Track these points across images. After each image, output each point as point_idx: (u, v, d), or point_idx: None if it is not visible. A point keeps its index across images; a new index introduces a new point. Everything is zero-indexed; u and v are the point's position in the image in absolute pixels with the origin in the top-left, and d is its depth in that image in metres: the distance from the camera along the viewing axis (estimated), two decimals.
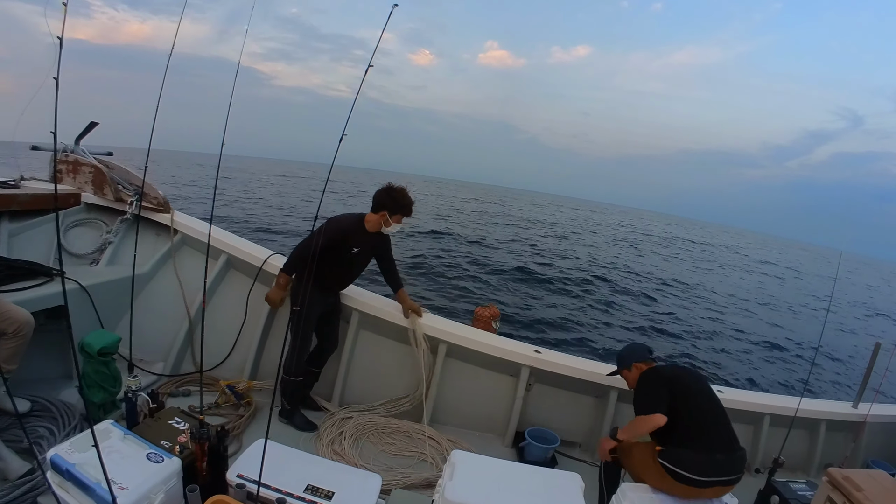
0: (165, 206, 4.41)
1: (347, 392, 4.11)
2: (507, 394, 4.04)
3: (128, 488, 1.96)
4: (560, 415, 4.10)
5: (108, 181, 4.35)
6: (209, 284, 4.14)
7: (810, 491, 3.27)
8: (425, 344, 3.93)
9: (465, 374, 4.06)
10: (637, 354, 3.10)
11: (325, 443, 3.49)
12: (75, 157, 4.46)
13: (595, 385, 3.95)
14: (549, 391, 4.08)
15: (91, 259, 4.21)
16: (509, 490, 2.27)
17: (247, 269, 4.21)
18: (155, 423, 2.52)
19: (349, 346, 4.08)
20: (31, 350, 2.96)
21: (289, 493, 2.20)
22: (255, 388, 3.88)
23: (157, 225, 4.43)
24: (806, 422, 3.96)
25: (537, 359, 3.93)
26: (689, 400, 2.69)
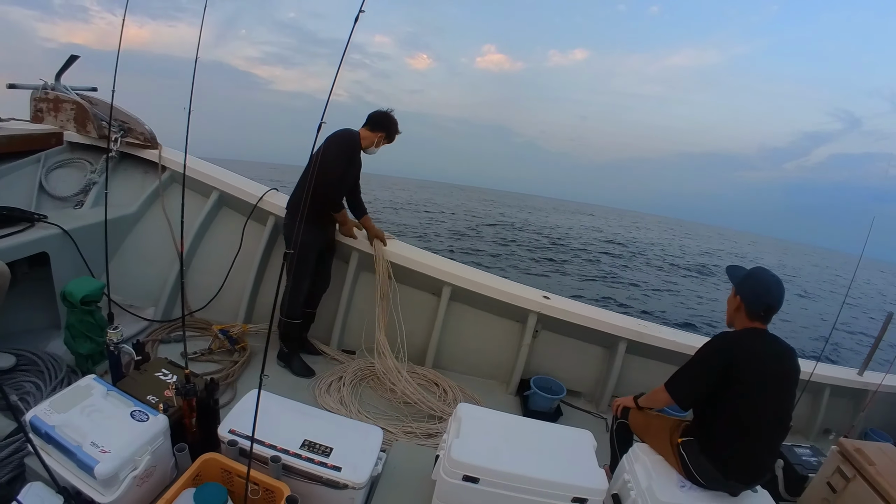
0: (152, 141, 4.19)
1: (346, 335, 4.00)
2: (513, 340, 3.94)
3: (110, 451, 1.83)
4: (566, 364, 4.00)
5: (91, 118, 4.09)
6: (199, 224, 3.97)
7: (814, 456, 3.21)
8: (388, 273, 3.82)
9: (470, 319, 3.95)
10: (751, 294, 2.30)
11: (322, 390, 3.40)
12: (56, 94, 4.20)
13: (604, 335, 3.84)
14: (557, 339, 3.97)
15: (75, 201, 4.01)
16: (519, 448, 2.15)
17: (240, 206, 4.02)
18: (141, 377, 2.38)
19: (348, 287, 3.94)
20: (15, 301, 2.82)
21: (284, 450, 2.09)
22: (249, 332, 3.75)
23: (145, 162, 4.21)
24: (811, 385, 3.87)
25: (546, 305, 3.80)
26: (740, 403, 2.18)
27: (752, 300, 2.28)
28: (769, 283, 2.29)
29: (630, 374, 3.85)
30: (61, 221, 3.40)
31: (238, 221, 4.05)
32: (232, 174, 4.25)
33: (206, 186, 4.03)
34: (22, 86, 4.22)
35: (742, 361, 2.18)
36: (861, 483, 2.54)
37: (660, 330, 3.91)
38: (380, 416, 3.24)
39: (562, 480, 2.02)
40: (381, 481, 2.35)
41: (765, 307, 2.26)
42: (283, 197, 3.94)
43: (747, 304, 2.29)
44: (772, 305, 2.26)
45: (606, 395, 3.83)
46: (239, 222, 4.04)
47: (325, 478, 2.06)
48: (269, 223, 3.94)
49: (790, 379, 2.26)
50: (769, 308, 2.27)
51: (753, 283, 2.32)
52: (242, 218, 4.04)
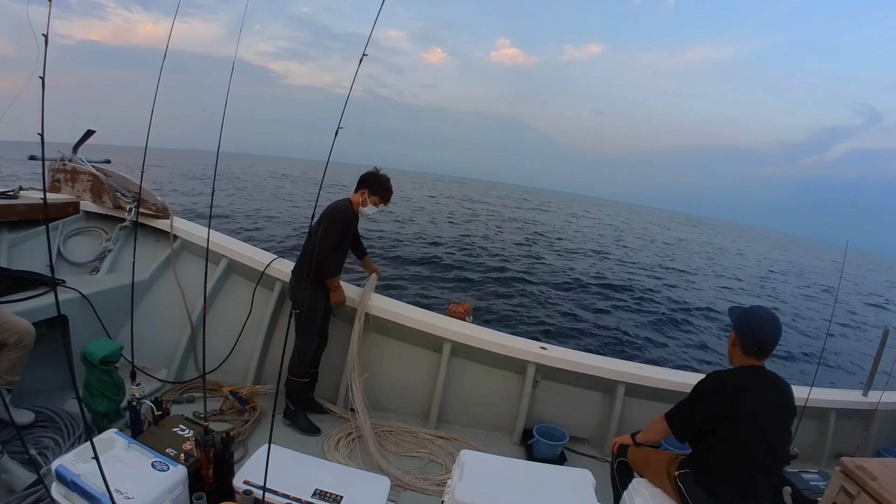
0: (164, 212, 4.40)
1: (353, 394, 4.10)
2: (514, 391, 4.01)
3: (133, 498, 1.94)
4: (568, 411, 4.07)
5: (106, 189, 4.33)
6: (210, 289, 4.12)
7: (823, 481, 3.23)
8: (362, 322, 3.91)
9: (471, 373, 4.04)
10: (745, 330, 2.39)
11: (331, 446, 3.48)
12: (73, 166, 4.45)
13: (602, 380, 3.93)
14: (556, 387, 4.05)
15: (91, 267, 4.19)
16: (519, 488, 2.25)
17: (248, 273, 4.19)
18: (159, 431, 2.49)
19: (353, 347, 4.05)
20: (34, 360, 2.95)
21: (296, 498, 2.18)
22: (259, 392, 3.85)
23: (157, 231, 4.42)
24: (816, 411, 3.93)
25: (543, 355, 3.90)
26: (735, 433, 2.26)
27: (746, 336, 2.38)
28: (762, 320, 2.38)
29: (631, 416, 3.91)
30: (79, 286, 3.57)
31: (246, 287, 4.22)
32: (240, 242, 4.45)
33: (215, 255, 4.21)
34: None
35: (734, 398, 2.28)
36: (866, 499, 2.55)
37: (656, 371, 4.01)
38: (388, 468, 3.31)
39: None
40: None
41: (757, 342, 2.35)
42: (289, 264, 4.12)
43: (742, 340, 2.39)
44: (765, 341, 2.35)
45: (609, 439, 3.85)
46: (246, 288, 4.21)
47: None
48: (276, 289, 4.09)
49: (784, 413, 2.35)
50: (762, 343, 2.35)
51: (749, 319, 2.41)
52: (250, 283, 4.21)
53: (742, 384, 2.32)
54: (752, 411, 2.26)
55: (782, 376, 2.45)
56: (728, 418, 2.27)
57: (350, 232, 3.78)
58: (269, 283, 4.13)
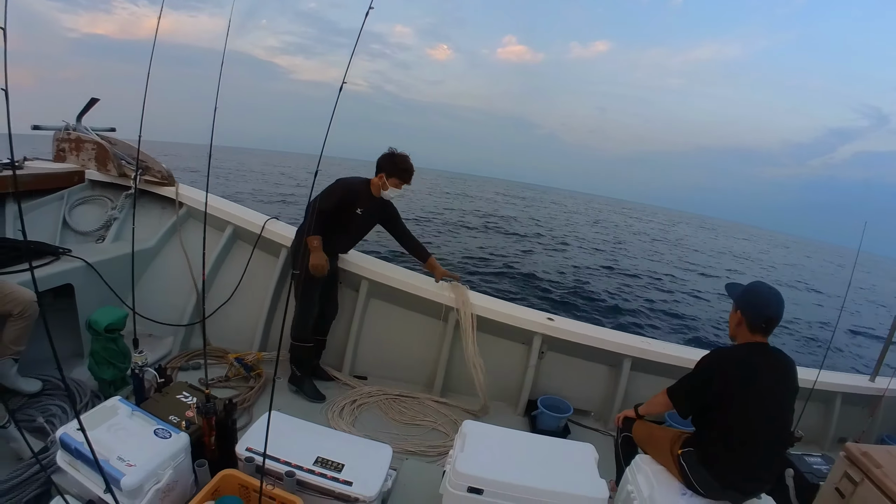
0: (169, 179, 4.37)
1: (358, 361, 4.11)
2: (520, 362, 4.01)
3: (136, 465, 1.95)
4: (573, 383, 4.06)
5: (110, 157, 4.31)
6: (216, 256, 4.12)
7: (826, 465, 3.21)
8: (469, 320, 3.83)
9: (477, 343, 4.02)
10: (751, 308, 2.35)
11: (335, 413, 3.50)
12: (77, 135, 4.42)
13: (608, 353, 3.91)
14: (562, 359, 4.04)
15: (97, 236, 4.19)
16: (521, 461, 2.24)
17: (253, 239, 4.18)
18: (163, 398, 2.50)
19: (359, 314, 4.06)
20: (40, 330, 2.95)
21: (298, 466, 2.19)
22: (264, 359, 3.87)
23: (162, 199, 4.39)
24: (822, 394, 3.89)
25: (550, 326, 3.88)
26: (739, 412, 2.23)
27: (753, 314, 2.33)
28: (769, 297, 2.34)
29: (636, 391, 3.90)
30: (84, 255, 3.57)
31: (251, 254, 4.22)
32: (245, 209, 4.42)
33: (221, 221, 4.20)
34: (45, 127, 4.44)
35: (738, 376, 2.24)
36: (869, 486, 2.54)
37: (664, 346, 3.98)
38: (391, 436, 3.32)
39: (564, 490, 2.09)
40: (392, 497, 2.44)
41: (765, 320, 2.31)
42: (293, 229, 4.09)
43: (748, 318, 2.34)
44: (772, 318, 2.31)
45: (614, 413, 3.85)
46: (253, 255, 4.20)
47: (338, 492, 2.15)
48: (281, 255, 4.08)
49: (788, 391, 2.32)
50: (769, 321, 2.31)
51: (753, 297, 2.38)
52: (256, 250, 4.20)
53: (747, 362, 2.29)
54: (756, 390, 2.22)
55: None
56: (732, 397, 2.24)
57: (351, 212, 3.63)
58: (274, 249, 4.12)
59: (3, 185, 3.73)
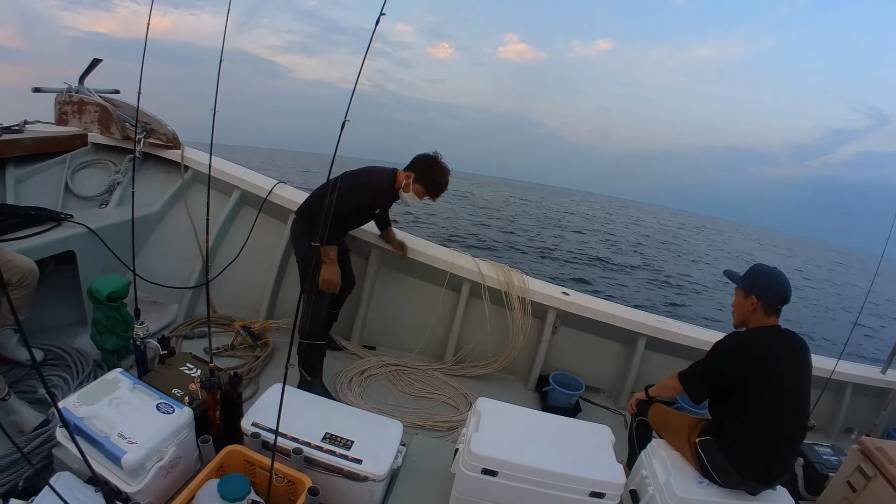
0: (175, 141, 4.25)
1: (367, 331, 4.03)
2: (533, 336, 3.93)
3: (137, 442, 1.88)
4: (585, 359, 4.00)
5: (114, 119, 4.17)
6: (222, 221, 4.03)
7: (835, 456, 3.17)
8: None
9: (490, 315, 3.94)
10: (766, 291, 2.28)
11: (343, 384, 3.44)
12: (80, 97, 4.28)
13: (623, 331, 3.82)
14: (576, 335, 3.97)
15: (100, 201, 4.08)
16: (537, 442, 2.16)
17: (261, 204, 4.09)
18: (165, 371, 2.43)
19: (369, 283, 3.97)
20: (43, 297, 2.87)
21: (306, 443, 2.13)
22: (271, 327, 3.80)
23: (168, 162, 4.28)
24: (833, 383, 3.83)
25: (565, 301, 3.79)
26: (759, 398, 2.17)
27: (769, 296, 2.26)
28: (779, 276, 2.31)
29: (649, 370, 3.83)
30: (87, 220, 3.47)
31: (259, 219, 4.10)
32: (253, 173, 4.30)
33: (228, 185, 4.08)
34: (47, 89, 4.31)
35: (756, 362, 2.18)
36: (882, 482, 2.50)
37: (679, 326, 3.89)
38: (401, 410, 3.26)
39: (580, 474, 2.02)
40: (401, 474, 2.38)
41: (781, 300, 2.26)
42: (302, 194, 3.93)
43: (765, 301, 2.27)
44: (787, 297, 2.27)
45: (626, 392, 3.82)
46: (260, 220, 4.10)
47: (346, 470, 2.09)
48: (289, 220, 3.97)
49: (805, 376, 2.26)
50: (785, 300, 2.27)
51: (766, 279, 2.32)
52: (264, 216, 4.10)
53: (765, 346, 2.22)
54: (776, 376, 2.15)
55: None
56: (750, 383, 2.17)
57: (370, 212, 3.42)
58: (282, 214, 4.02)
59: (4, 149, 3.62)
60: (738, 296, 2.38)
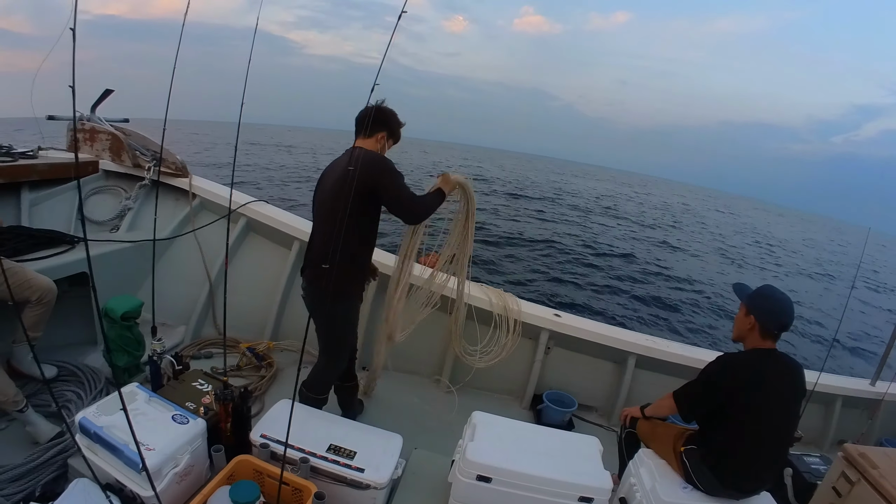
0: (183, 170, 4.41)
1: (366, 352, 4.14)
2: (526, 357, 4.04)
3: (154, 449, 2.00)
4: (578, 379, 4.10)
5: (125, 147, 4.35)
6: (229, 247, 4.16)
7: (824, 465, 3.25)
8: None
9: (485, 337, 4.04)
10: (766, 315, 2.30)
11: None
12: (92, 125, 4.46)
13: (614, 350, 3.94)
14: (568, 355, 4.07)
15: (111, 226, 4.23)
16: (529, 451, 2.29)
17: (266, 231, 4.23)
18: (179, 386, 2.57)
19: (367, 304, 4.08)
20: (56, 317, 3.00)
21: (311, 453, 2.25)
22: (275, 348, 3.92)
23: (176, 190, 4.43)
24: (822, 396, 3.92)
25: (557, 322, 3.91)
26: (746, 419, 2.24)
27: (768, 320, 2.29)
28: (783, 303, 2.31)
29: (640, 388, 3.94)
30: (99, 244, 3.62)
31: (263, 245, 4.27)
32: (259, 202, 4.46)
33: (234, 214, 4.23)
34: (60, 117, 4.48)
35: (746, 384, 2.24)
36: (865, 486, 2.59)
37: (668, 345, 4.01)
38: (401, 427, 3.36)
39: (569, 480, 2.15)
40: (402, 484, 2.49)
41: (779, 327, 2.29)
42: (305, 221, 4.12)
43: (762, 323, 2.30)
44: (786, 325, 2.29)
45: (617, 409, 3.91)
46: (264, 246, 4.26)
47: (350, 478, 2.22)
48: (293, 247, 4.12)
49: (795, 398, 2.33)
50: (783, 328, 2.29)
51: (769, 303, 2.33)
52: (268, 242, 4.26)
53: (756, 369, 2.27)
54: (764, 398, 2.22)
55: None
56: (739, 404, 2.25)
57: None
58: (287, 241, 4.16)
59: (20, 173, 3.78)
60: (741, 311, 2.40)
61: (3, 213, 3.67)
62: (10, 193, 3.81)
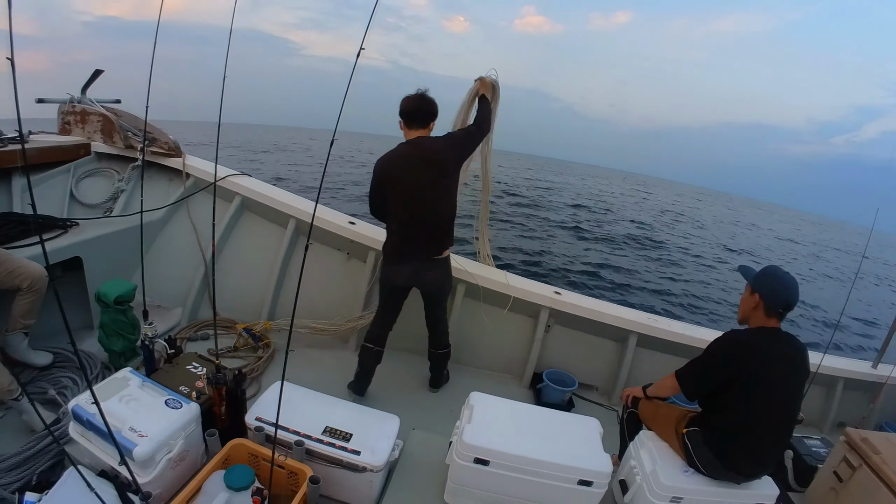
0: (176, 150, 4.35)
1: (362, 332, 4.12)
2: (526, 335, 4.02)
3: (147, 435, 1.99)
4: (578, 357, 4.07)
5: (116, 129, 4.29)
6: (224, 227, 4.13)
7: (825, 448, 3.25)
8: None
9: (484, 315, 4.03)
10: (771, 293, 2.29)
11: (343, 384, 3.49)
12: (82, 107, 4.40)
13: (615, 329, 3.90)
14: (568, 333, 4.04)
15: (104, 208, 4.19)
16: (527, 433, 2.26)
17: (261, 209, 4.19)
18: (173, 369, 2.54)
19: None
20: (50, 303, 2.97)
21: (307, 436, 2.23)
22: (272, 329, 3.90)
23: (170, 170, 4.38)
24: (824, 378, 3.88)
25: (557, 300, 3.87)
26: (749, 399, 2.22)
27: (772, 299, 2.27)
28: (788, 282, 2.29)
29: (641, 367, 3.91)
30: (92, 227, 3.58)
31: (259, 224, 4.23)
32: (255, 180, 4.41)
33: (229, 192, 4.19)
34: (50, 100, 4.42)
35: (750, 362, 2.21)
36: (866, 471, 2.58)
37: (670, 324, 3.97)
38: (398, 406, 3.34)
39: (568, 463, 2.12)
40: (399, 466, 2.48)
41: (784, 305, 2.27)
42: (305, 201, 4.17)
43: (767, 302, 2.28)
44: (790, 304, 2.27)
45: (618, 388, 3.90)
46: (260, 225, 4.22)
47: (346, 461, 2.20)
48: (289, 225, 4.08)
49: (799, 379, 2.29)
50: (788, 306, 2.27)
51: (773, 282, 2.31)
52: (264, 221, 4.22)
53: (760, 347, 2.25)
54: (767, 377, 2.19)
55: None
56: (742, 382, 2.22)
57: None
58: (282, 219, 4.13)
59: (10, 159, 3.73)
60: (746, 291, 2.40)
61: None
62: (2, 179, 3.76)
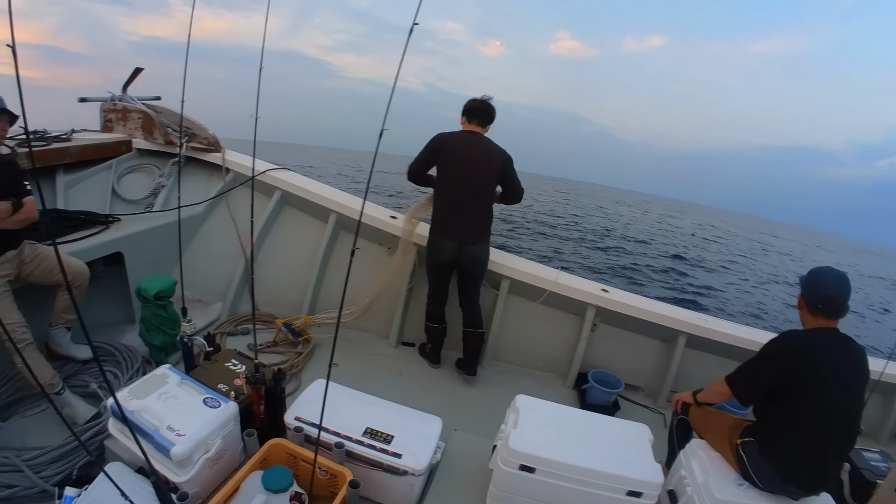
0: (216, 145, 4.35)
1: (406, 328, 4.06)
2: (572, 334, 3.90)
3: (185, 435, 1.95)
4: (624, 357, 3.93)
5: (157, 125, 4.31)
6: (264, 222, 4.12)
7: (884, 462, 3.01)
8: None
9: (528, 312, 3.92)
10: (809, 289, 2.22)
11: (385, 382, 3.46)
12: (123, 105, 4.44)
13: (663, 328, 3.73)
14: (615, 332, 3.90)
15: (145, 204, 4.22)
16: (575, 440, 2.15)
17: (301, 204, 4.17)
18: (212, 367, 2.51)
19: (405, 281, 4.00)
20: (91, 297, 3.00)
21: (347, 437, 2.17)
22: (313, 324, 3.86)
23: (210, 165, 4.39)
24: (883, 386, 3.68)
25: (604, 298, 3.74)
26: (806, 407, 2.07)
27: (810, 294, 2.19)
28: (828, 276, 2.21)
29: (689, 369, 3.74)
30: (134, 223, 3.59)
31: (300, 218, 4.21)
32: (294, 174, 4.39)
33: (269, 187, 4.17)
34: (92, 98, 4.48)
35: (808, 363, 2.07)
36: None
37: (720, 324, 3.78)
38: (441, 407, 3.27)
39: (617, 473, 2.01)
40: (440, 469, 2.39)
41: (822, 299, 2.15)
42: (348, 196, 4.15)
43: (806, 299, 2.20)
44: (829, 296, 2.15)
45: (665, 390, 3.75)
46: (301, 219, 4.20)
47: (386, 464, 2.13)
48: (330, 220, 4.04)
49: (859, 382, 2.15)
50: (826, 299, 2.15)
51: (812, 277, 2.24)
52: (304, 215, 4.19)
53: (813, 346, 2.11)
54: (828, 379, 2.05)
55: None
56: (799, 385, 2.08)
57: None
58: (323, 213, 4.09)
59: (53, 156, 3.77)
60: (799, 303, 2.31)
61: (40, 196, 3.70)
62: (46, 176, 3.81)
